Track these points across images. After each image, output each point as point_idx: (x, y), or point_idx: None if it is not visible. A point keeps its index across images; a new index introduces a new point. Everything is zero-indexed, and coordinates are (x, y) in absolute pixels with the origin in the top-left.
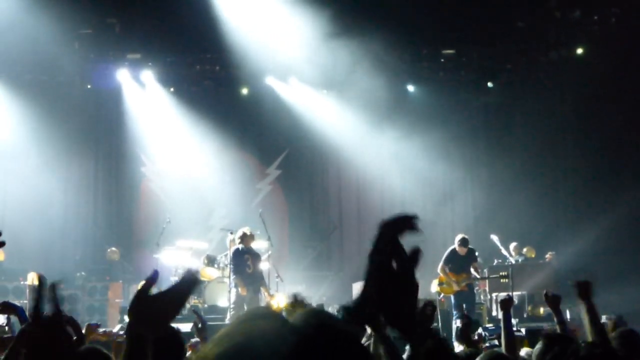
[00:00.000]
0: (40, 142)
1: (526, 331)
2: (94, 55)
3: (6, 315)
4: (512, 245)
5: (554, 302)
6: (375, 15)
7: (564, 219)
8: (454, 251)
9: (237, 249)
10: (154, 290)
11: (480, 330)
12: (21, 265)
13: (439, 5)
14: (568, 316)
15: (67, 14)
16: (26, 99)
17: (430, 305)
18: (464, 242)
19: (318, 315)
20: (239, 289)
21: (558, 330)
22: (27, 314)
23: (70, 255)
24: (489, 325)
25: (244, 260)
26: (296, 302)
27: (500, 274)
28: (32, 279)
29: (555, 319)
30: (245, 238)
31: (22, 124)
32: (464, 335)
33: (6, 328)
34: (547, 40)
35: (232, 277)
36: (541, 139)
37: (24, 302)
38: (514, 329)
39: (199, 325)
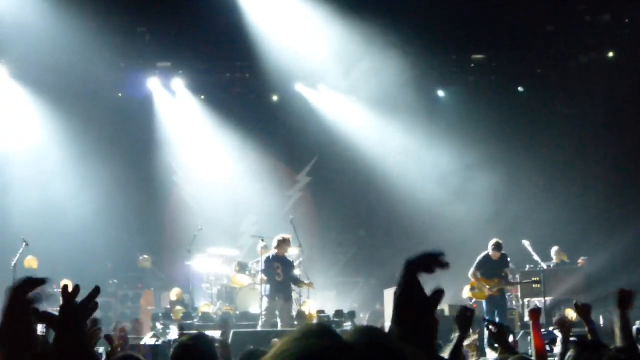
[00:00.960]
0: (72, 151)
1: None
2: (125, 64)
3: (44, 325)
4: (554, 249)
5: (584, 311)
6: (405, 22)
7: (597, 223)
8: (486, 256)
9: (268, 257)
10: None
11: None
12: (54, 272)
13: (469, 11)
14: (601, 322)
15: (97, 24)
16: (58, 108)
17: (470, 310)
18: (497, 247)
19: (370, 332)
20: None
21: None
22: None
23: (102, 263)
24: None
25: (273, 269)
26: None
27: (533, 279)
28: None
29: (586, 328)
30: (282, 244)
31: (54, 132)
32: (499, 340)
33: (45, 338)
34: (578, 44)
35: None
36: (572, 143)
37: (57, 309)
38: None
39: (224, 345)
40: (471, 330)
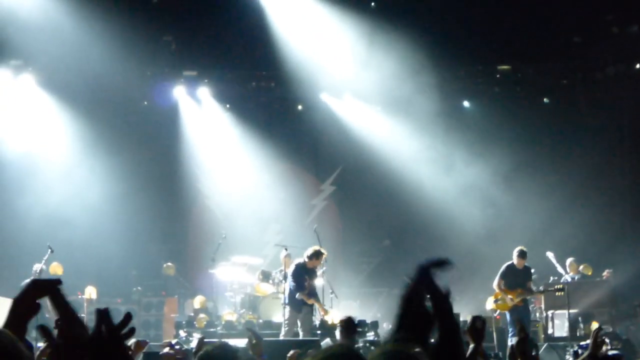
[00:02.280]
0: (97, 159)
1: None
2: (151, 73)
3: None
4: (568, 260)
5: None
6: (431, 32)
7: (622, 236)
8: (510, 266)
9: (298, 265)
10: None
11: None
12: (79, 279)
13: (495, 22)
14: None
15: (124, 32)
16: (84, 116)
17: (480, 319)
18: (522, 254)
19: (396, 355)
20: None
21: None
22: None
23: (127, 270)
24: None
25: (303, 280)
26: None
27: (556, 287)
28: (89, 293)
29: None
30: (316, 257)
31: (79, 141)
32: (520, 349)
33: None
34: (604, 56)
35: (290, 292)
36: (598, 155)
37: (82, 315)
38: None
39: (254, 341)
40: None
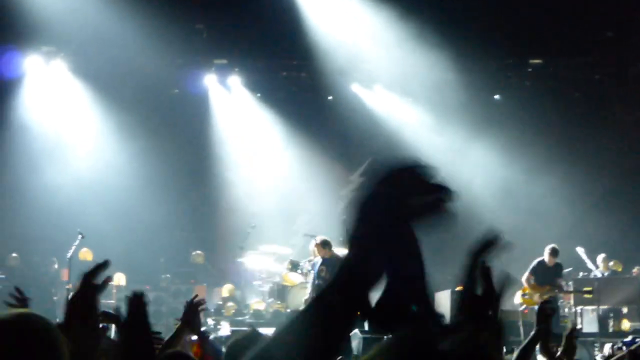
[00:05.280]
0: (127, 146)
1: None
2: (182, 60)
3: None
4: (600, 257)
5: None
6: (462, 25)
7: None
8: (541, 262)
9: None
10: None
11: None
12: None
13: (526, 15)
14: None
15: (156, 20)
16: (115, 103)
17: (549, 303)
18: (554, 252)
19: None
20: None
21: None
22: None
23: (156, 257)
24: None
25: (318, 271)
26: None
27: (584, 289)
28: (118, 279)
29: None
30: (322, 246)
31: (109, 127)
32: (543, 346)
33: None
34: (637, 51)
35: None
36: (631, 151)
37: (110, 301)
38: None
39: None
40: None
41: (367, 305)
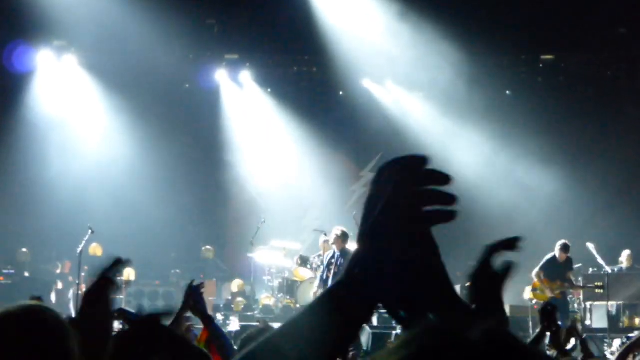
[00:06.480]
0: (138, 141)
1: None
2: (193, 55)
3: (121, 322)
4: (625, 253)
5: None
6: (473, 20)
7: None
8: (552, 258)
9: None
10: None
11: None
12: None
13: (539, 11)
14: None
15: (167, 14)
16: (126, 98)
17: (550, 305)
18: (565, 248)
19: (499, 333)
20: None
21: None
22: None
23: (166, 252)
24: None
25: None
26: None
27: (595, 284)
28: (127, 274)
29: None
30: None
31: (121, 122)
32: (554, 341)
33: None
34: None
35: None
36: None
37: (120, 297)
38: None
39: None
40: None
41: (381, 300)
